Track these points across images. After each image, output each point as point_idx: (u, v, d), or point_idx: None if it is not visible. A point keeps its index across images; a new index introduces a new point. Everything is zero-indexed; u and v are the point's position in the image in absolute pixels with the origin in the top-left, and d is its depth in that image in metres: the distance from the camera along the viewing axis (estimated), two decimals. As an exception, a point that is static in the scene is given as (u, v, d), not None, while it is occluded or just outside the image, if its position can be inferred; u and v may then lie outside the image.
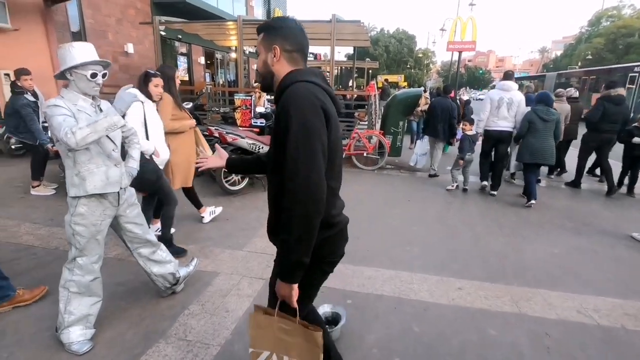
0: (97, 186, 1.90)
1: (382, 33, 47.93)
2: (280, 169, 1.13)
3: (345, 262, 3.07)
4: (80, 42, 1.89)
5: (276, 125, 1.15)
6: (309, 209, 1.07)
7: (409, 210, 4.53)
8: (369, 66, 20.89)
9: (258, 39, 1.27)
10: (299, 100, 1.10)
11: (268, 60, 1.24)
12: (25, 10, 7.12)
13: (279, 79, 1.23)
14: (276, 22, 1.25)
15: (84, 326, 2.00)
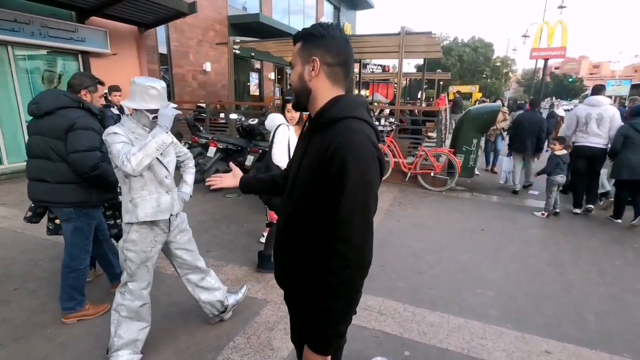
0: (148, 213, 1.89)
1: (455, 42, 45.75)
2: (307, 208, 1.04)
3: (405, 302, 2.77)
4: (152, 82, 1.87)
5: (318, 164, 0.98)
6: (359, 279, 0.97)
7: (482, 243, 4.00)
8: (439, 77, 19.89)
9: (294, 49, 1.08)
10: (358, 150, 0.94)
11: (305, 75, 1.06)
12: (122, 36, 8.07)
13: (316, 97, 1.06)
14: (317, 29, 1.04)
15: (132, 351, 1.99)
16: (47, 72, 7.05)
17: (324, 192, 0.97)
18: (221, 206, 5.03)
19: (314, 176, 0.99)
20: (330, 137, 0.96)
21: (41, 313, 2.52)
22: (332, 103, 1.04)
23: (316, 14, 17.14)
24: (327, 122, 1.01)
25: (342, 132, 0.96)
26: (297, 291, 1.13)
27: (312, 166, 1.00)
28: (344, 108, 1.02)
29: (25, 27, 6.19)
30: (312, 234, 1.03)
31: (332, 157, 0.93)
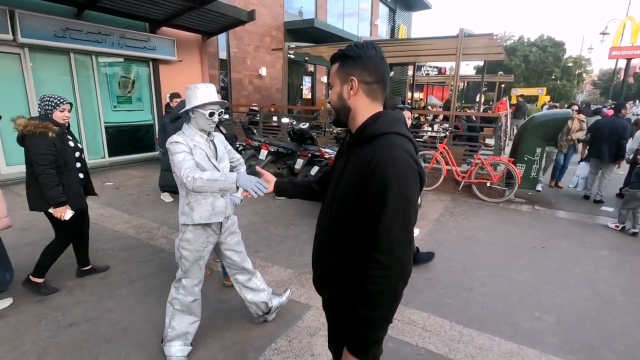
0: (203, 216, 2.02)
1: (520, 41, 42.67)
2: (347, 221, 1.08)
3: (453, 320, 2.64)
4: (204, 83, 2.06)
5: (358, 178, 1.02)
6: (400, 288, 1.01)
7: (542, 262, 3.68)
8: (501, 80, 18.68)
9: (332, 70, 1.13)
10: (399, 165, 0.98)
11: (344, 94, 1.11)
12: (188, 44, 8.69)
13: (356, 114, 1.11)
14: (354, 50, 1.07)
15: (183, 342, 2.14)
16: (122, 78, 7.82)
17: (364, 206, 1.01)
18: (271, 208, 5.19)
19: (355, 190, 1.03)
20: (371, 153, 1.00)
21: (108, 299, 2.79)
22: (373, 119, 1.08)
23: (371, 16, 17.02)
24: (368, 137, 1.05)
25: (383, 147, 1.00)
26: (337, 298, 1.18)
27: (352, 181, 1.04)
28: (385, 124, 1.06)
29: (107, 39, 6.92)
30: (352, 245, 1.08)
31: (374, 172, 0.97)
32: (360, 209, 1.02)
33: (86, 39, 6.62)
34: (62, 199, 2.64)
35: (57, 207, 2.65)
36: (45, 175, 2.57)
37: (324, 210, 1.18)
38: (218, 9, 7.35)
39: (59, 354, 2.19)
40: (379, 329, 1.02)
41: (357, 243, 1.06)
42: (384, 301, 0.99)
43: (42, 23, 6.04)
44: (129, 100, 8.00)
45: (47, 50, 6.39)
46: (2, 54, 5.93)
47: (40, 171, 2.57)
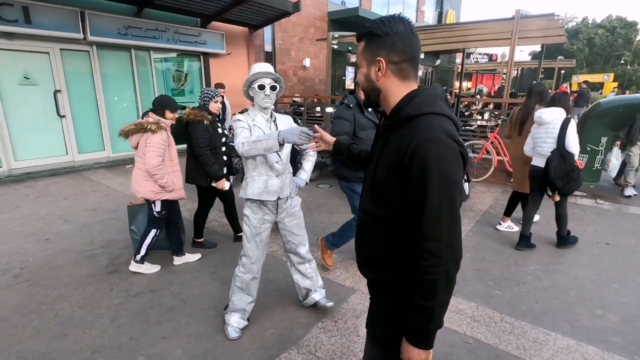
0: (255, 192, 2.13)
1: (584, 23, 38.97)
2: (389, 207, 1.03)
3: (503, 312, 2.55)
4: (260, 63, 2.16)
5: (397, 163, 0.96)
6: (453, 272, 0.97)
7: (606, 259, 3.41)
8: (561, 65, 17.23)
9: (358, 49, 1.06)
10: (439, 147, 0.91)
11: (371, 75, 1.04)
12: (235, 38, 8.98)
13: (388, 96, 1.05)
14: (380, 27, 0.99)
15: (240, 316, 2.28)
16: (176, 72, 8.29)
17: (405, 192, 0.96)
18: (314, 195, 5.28)
19: (394, 176, 0.98)
20: (409, 136, 0.94)
21: (168, 273, 3.03)
22: (408, 99, 1.01)
23: (417, 2, 16.43)
24: (404, 119, 0.99)
25: (421, 129, 0.93)
26: (382, 281, 1.14)
27: (390, 166, 0.98)
28: (420, 104, 0.99)
29: (163, 35, 7.37)
30: (395, 230, 1.03)
31: (412, 157, 0.92)
32: (401, 195, 0.98)
33: (145, 35, 7.10)
34: (220, 173, 3.20)
35: (217, 181, 3.21)
36: (204, 157, 3.12)
37: (365, 194, 1.14)
38: (265, 2, 7.51)
39: (128, 319, 2.44)
40: (438, 316, 0.99)
41: (401, 228, 1.02)
42: (440, 288, 0.95)
43: (108, 22, 6.56)
44: (182, 92, 8.47)
45: (111, 48, 6.95)
46: (74, 52, 6.54)
47: (200, 153, 3.13)
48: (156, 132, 2.77)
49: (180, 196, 3.02)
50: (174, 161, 2.99)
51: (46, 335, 2.27)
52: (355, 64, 1.33)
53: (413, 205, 0.94)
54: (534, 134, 3.47)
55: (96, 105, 6.99)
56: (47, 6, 5.83)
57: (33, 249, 3.44)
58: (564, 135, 3.22)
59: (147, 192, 2.85)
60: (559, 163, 3.23)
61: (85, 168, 6.56)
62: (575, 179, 3.26)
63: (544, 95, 3.70)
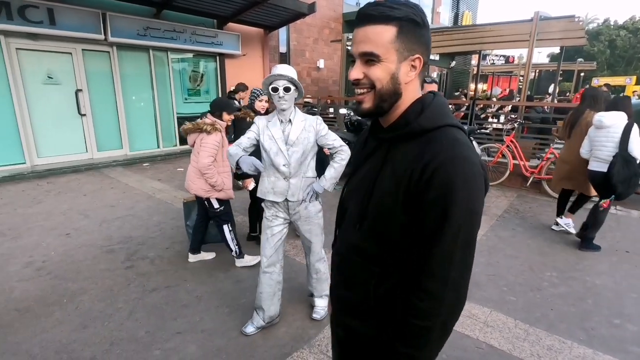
0: (262, 192, 2.22)
1: (606, 25, 37.96)
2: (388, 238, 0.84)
3: (517, 318, 2.52)
4: (279, 64, 2.19)
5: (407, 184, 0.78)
6: (451, 323, 0.82)
7: (625, 267, 3.33)
8: (580, 68, 16.83)
9: (381, 34, 0.77)
10: (467, 171, 0.75)
11: (400, 75, 0.80)
12: (251, 39, 9.08)
13: (401, 104, 0.84)
14: (419, 15, 0.78)
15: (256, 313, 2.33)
16: (192, 72, 8.43)
17: (413, 221, 0.79)
18: (327, 197, 5.30)
19: (399, 201, 0.79)
20: (426, 153, 0.76)
21: (183, 270, 3.10)
22: (417, 108, 0.83)
23: (433, 3, 16.29)
24: (416, 132, 0.81)
25: (443, 146, 0.76)
26: (366, 333, 0.94)
27: (396, 188, 0.80)
28: (436, 114, 0.82)
29: (180, 36, 7.51)
30: (394, 269, 0.85)
31: (431, 178, 0.74)
32: (408, 224, 0.80)
33: (163, 36, 7.25)
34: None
35: (243, 179, 3.36)
36: None
37: (351, 223, 0.93)
38: (280, 3, 7.58)
39: (145, 313, 2.50)
40: None
41: (400, 267, 0.84)
42: (432, 339, 0.80)
43: (128, 23, 6.73)
44: (198, 92, 8.61)
45: (131, 48, 7.11)
46: (95, 52, 6.73)
47: None
48: (211, 133, 2.85)
49: (229, 196, 3.08)
50: (226, 162, 3.02)
51: (67, 327, 2.35)
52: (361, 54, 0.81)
53: (423, 237, 0.78)
54: (592, 137, 3.47)
55: (115, 104, 7.17)
56: (71, 8, 6.02)
57: (55, 243, 3.56)
58: (627, 139, 3.23)
59: (199, 189, 2.95)
60: (622, 167, 3.24)
61: (103, 165, 6.73)
62: (635, 184, 3.29)
63: (597, 99, 3.70)
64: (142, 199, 4.93)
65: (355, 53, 0.81)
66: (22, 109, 6.01)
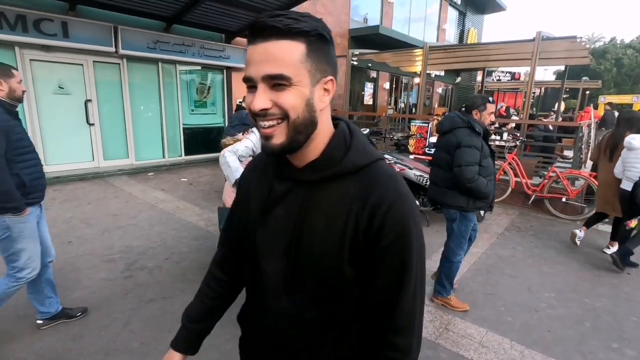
0: None
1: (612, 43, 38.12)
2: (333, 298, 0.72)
3: (513, 339, 2.50)
4: None
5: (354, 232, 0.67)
6: None
7: (626, 289, 3.29)
8: (586, 86, 16.84)
9: (285, 51, 0.62)
10: (413, 207, 0.69)
11: (315, 100, 0.66)
12: (258, 53, 9.27)
13: (317, 135, 0.69)
14: (325, 29, 0.66)
15: None
16: (200, 85, 8.60)
17: (365, 271, 0.69)
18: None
19: (347, 252, 0.68)
20: (369, 193, 0.67)
21: (182, 281, 3.12)
22: (339, 142, 0.71)
23: (438, 20, 16.53)
24: (351, 170, 0.69)
25: (386, 184, 0.68)
26: None
27: (339, 238, 0.68)
28: (364, 145, 0.73)
29: (188, 49, 7.69)
30: (347, 324, 0.74)
31: (384, 223, 0.65)
32: (356, 277, 0.70)
33: (172, 49, 7.43)
34: None
35: None
36: None
37: (276, 289, 0.75)
38: (287, 19, 7.76)
39: (140, 324, 2.52)
40: None
41: (355, 320, 0.74)
42: None
43: (139, 37, 6.92)
44: (204, 104, 8.76)
45: (140, 60, 7.30)
46: (106, 64, 6.92)
47: None
48: None
49: None
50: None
51: (64, 335, 2.37)
52: (267, 77, 0.63)
53: (380, 288, 0.69)
54: (624, 158, 3.62)
55: (123, 114, 7.31)
56: (84, 21, 6.22)
57: (56, 251, 3.60)
58: None
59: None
60: None
61: (109, 174, 6.83)
62: None
63: (632, 121, 3.79)
64: (144, 209, 4.99)
65: (255, 76, 0.63)
66: (32, 118, 6.16)
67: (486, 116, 2.74)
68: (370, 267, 0.68)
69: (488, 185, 2.59)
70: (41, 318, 2.43)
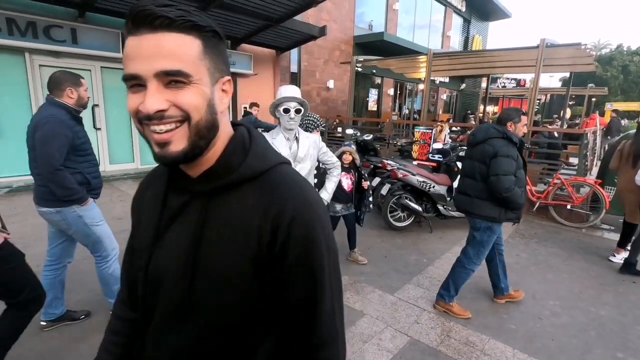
0: None
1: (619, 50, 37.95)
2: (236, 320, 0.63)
3: (516, 347, 2.47)
4: (287, 85, 2.26)
5: (258, 245, 0.60)
6: None
7: (632, 298, 3.24)
8: (591, 93, 16.75)
9: (179, 45, 0.55)
10: (322, 214, 0.63)
11: (215, 101, 0.60)
12: (262, 59, 9.36)
13: (219, 138, 0.63)
14: (212, 24, 0.59)
15: None
16: (205, 90, 8.71)
17: (272, 288, 0.62)
18: (330, 215, 5.32)
19: (249, 269, 0.60)
20: (272, 202, 0.60)
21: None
22: (240, 143, 0.65)
23: (443, 27, 16.60)
24: (249, 177, 0.63)
25: (290, 191, 0.62)
26: None
27: (240, 254, 0.60)
28: (265, 148, 0.67)
29: (195, 55, 7.80)
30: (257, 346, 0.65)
31: (289, 234, 0.59)
32: (263, 295, 0.62)
33: (178, 55, 7.54)
34: None
35: None
36: None
37: (169, 316, 0.66)
38: (292, 26, 7.83)
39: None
40: None
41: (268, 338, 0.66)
42: None
43: (145, 43, 7.03)
44: (209, 109, 8.86)
45: (147, 66, 7.41)
46: (113, 70, 7.02)
47: None
48: None
49: None
50: None
51: (67, 338, 2.39)
52: (162, 73, 0.54)
53: (297, 304, 0.62)
54: None
55: (129, 119, 7.40)
56: (93, 28, 6.34)
57: (61, 254, 3.64)
58: None
59: None
60: None
61: (114, 178, 6.90)
62: None
63: None
64: (149, 213, 5.02)
65: (144, 73, 0.54)
66: (40, 122, 6.27)
67: (520, 128, 2.73)
68: (280, 283, 0.61)
69: (522, 196, 2.58)
70: (45, 319, 2.46)
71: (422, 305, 2.95)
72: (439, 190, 4.62)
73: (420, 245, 4.26)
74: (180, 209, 0.66)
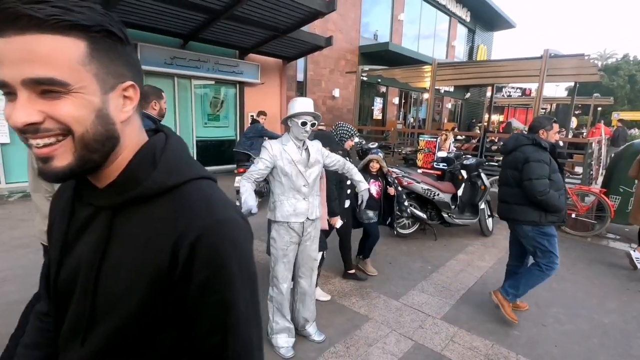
0: (284, 215, 2.27)
1: (625, 60, 37.85)
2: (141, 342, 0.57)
3: (519, 353, 2.51)
4: (303, 97, 2.35)
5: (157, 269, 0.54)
6: None
7: (637, 306, 3.25)
8: (597, 103, 16.73)
9: (50, 49, 0.47)
10: (237, 236, 0.58)
11: (110, 111, 0.54)
12: (270, 68, 9.54)
13: (121, 150, 0.58)
14: (115, 23, 0.53)
15: (287, 335, 2.40)
16: (213, 99, 8.87)
17: (179, 317, 0.56)
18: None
19: (150, 295, 0.54)
20: (177, 222, 0.55)
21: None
22: (149, 155, 0.59)
23: (448, 37, 16.77)
24: (155, 192, 0.57)
25: (197, 210, 0.56)
26: None
27: (141, 277, 0.55)
28: (178, 161, 0.61)
29: (203, 65, 7.98)
30: None
31: (193, 256, 0.53)
32: (170, 324, 0.56)
33: (188, 65, 7.72)
34: (337, 210, 3.02)
35: (333, 217, 2.98)
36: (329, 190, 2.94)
37: (69, 343, 0.61)
38: (299, 37, 8.01)
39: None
40: None
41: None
42: None
43: (157, 53, 7.22)
44: (217, 117, 9.01)
45: (157, 75, 7.58)
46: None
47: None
48: None
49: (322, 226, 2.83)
50: (322, 192, 2.87)
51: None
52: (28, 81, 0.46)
53: (205, 333, 0.56)
54: None
55: (139, 126, 7.57)
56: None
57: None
58: None
59: None
60: None
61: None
62: None
63: None
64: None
65: (11, 80, 0.48)
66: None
67: (552, 135, 2.83)
68: (185, 310, 0.55)
69: (560, 199, 2.63)
70: None
71: (426, 310, 3.00)
72: (443, 198, 4.67)
73: (425, 253, 4.30)
74: (86, 222, 0.61)
